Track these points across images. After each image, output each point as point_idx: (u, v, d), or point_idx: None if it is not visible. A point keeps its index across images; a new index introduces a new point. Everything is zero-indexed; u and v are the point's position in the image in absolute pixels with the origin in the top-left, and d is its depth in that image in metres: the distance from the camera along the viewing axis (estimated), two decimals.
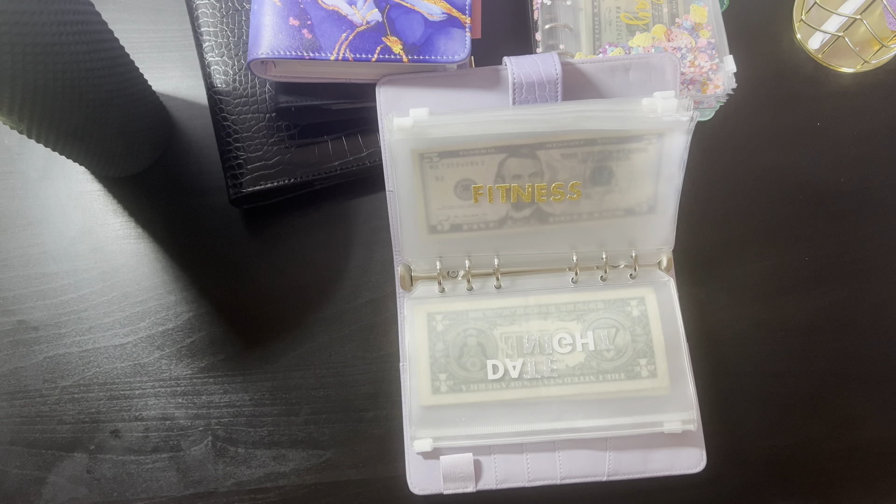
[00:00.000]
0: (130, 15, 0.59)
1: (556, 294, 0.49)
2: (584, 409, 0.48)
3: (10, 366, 0.53)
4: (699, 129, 0.58)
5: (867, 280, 0.57)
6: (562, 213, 0.49)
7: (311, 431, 0.52)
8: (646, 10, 0.55)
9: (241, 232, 0.56)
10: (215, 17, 0.54)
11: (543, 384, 0.48)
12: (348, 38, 0.48)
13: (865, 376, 0.55)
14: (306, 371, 0.53)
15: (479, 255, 0.50)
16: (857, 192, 0.58)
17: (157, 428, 0.52)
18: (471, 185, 0.48)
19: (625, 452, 0.49)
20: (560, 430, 0.48)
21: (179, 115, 0.58)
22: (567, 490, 0.49)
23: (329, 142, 0.54)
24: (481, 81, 0.49)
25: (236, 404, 0.53)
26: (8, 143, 0.57)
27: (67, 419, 0.52)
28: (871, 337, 0.55)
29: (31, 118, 0.43)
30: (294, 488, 0.51)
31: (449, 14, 0.49)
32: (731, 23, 0.56)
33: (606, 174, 0.48)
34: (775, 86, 0.60)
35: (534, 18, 0.55)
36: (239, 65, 0.53)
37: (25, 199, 0.56)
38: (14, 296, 0.54)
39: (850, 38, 0.59)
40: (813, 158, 0.59)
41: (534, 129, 0.46)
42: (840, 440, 0.53)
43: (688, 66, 0.53)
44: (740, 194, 0.58)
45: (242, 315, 0.54)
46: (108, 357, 0.53)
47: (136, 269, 0.55)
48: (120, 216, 0.56)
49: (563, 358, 0.48)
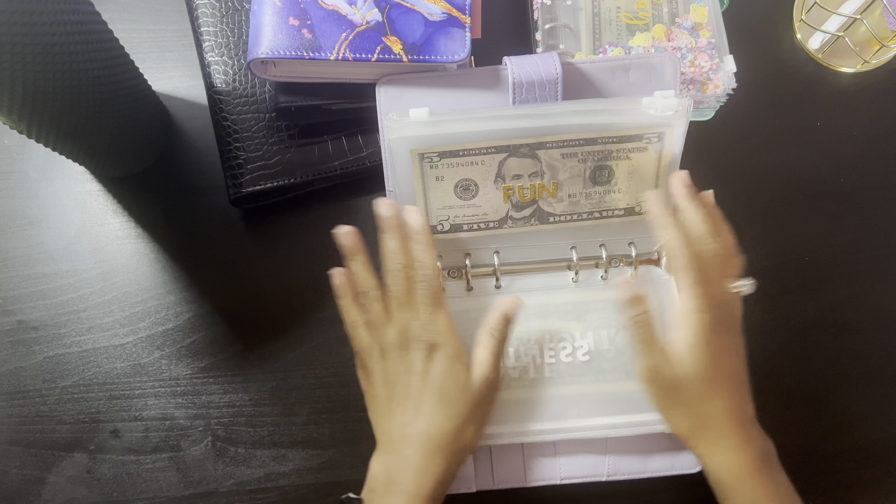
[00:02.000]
0: (130, 15, 0.59)
1: (556, 294, 0.49)
2: (583, 409, 0.48)
3: (10, 366, 0.53)
4: (699, 129, 0.58)
5: (867, 280, 0.57)
6: (562, 212, 0.49)
7: (311, 431, 0.52)
8: (646, 9, 0.55)
9: (241, 232, 0.56)
10: (215, 17, 0.54)
11: (543, 384, 0.48)
12: (348, 37, 0.48)
13: (865, 376, 0.55)
14: (306, 371, 0.53)
15: (479, 254, 0.50)
16: (857, 192, 0.58)
17: (156, 428, 0.52)
18: (471, 185, 0.48)
19: (624, 452, 0.49)
20: (560, 431, 0.48)
21: (179, 115, 0.58)
22: (567, 490, 0.49)
23: (329, 142, 0.54)
24: (481, 81, 0.49)
25: (236, 404, 0.53)
26: (8, 143, 0.57)
27: (67, 419, 0.52)
28: (871, 337, 0.55)
29: (31, 118, 0.43)
30: (294, 488, 0.51)
31: (449, 14, 0.49)
32: (731, 23, 0.56)
33: (606, 173, 0.48)
34: (775, 86, 0.60)
35: (534, 18, 0.55)
36: (239, 65, 0.53)
37: (25, 199, 0.56)
38: (14, 296, 0.54)
39: (850, 38, 0.59)
40: (813, 158, 0.59)
41: (534, 129, 0.46)
42: (840, 440, 0.53)
43: (688, 65, 0.53)
44: (740, 194, 0.58)
45: (242, 315, 0.54)
46: (107, 357, 0.53)
47: (136, 269, 0.55)
48: (120, 216, 0.56)
49: (563, 358, 0.48)
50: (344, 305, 0.46)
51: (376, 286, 0.45)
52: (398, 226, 0.45)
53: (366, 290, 0.45)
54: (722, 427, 0.42)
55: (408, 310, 0.44)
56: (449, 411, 0.42)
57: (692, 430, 0.43)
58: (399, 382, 0.43)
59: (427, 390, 0.43)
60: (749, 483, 0.41)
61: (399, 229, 0.45)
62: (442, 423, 0.42)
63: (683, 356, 0.42)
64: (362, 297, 0.45)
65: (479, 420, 0.44)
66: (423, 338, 0.43)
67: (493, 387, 0.44)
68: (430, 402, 0.42)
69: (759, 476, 0.41)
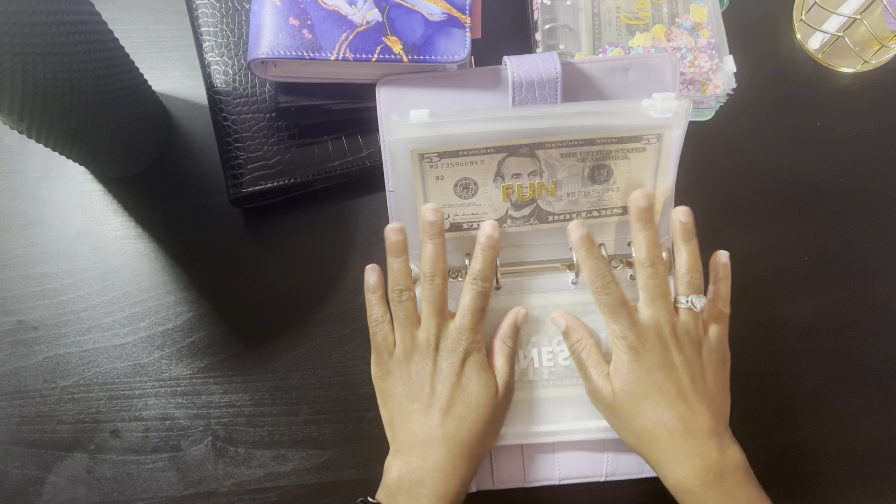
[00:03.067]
0: (130, 15, 0.59)
1: (556, 295, 0.49)
2: (581, 411, 0.48)
3: (10, 366, 0.53)
4: (699, 129, 0.58)
5: (867, 280, 0.57)
6: (561, 211, 0.49)
7: (311, 431, 0.52)
8: (646, 10, 0.55)
9: (241, 232, 0.56)
10: (215, 17, 0.54)
11: (542, 385, 0.48)
12: (348, 38, 0.48)
13: (865, 376, 0.55)
14: (306, 371, 0.53)
15: None
16: (857, 192, 0.58)
17: (157, 428, 0.52)
18: (470, 184, 0.48)
19: (623, 453, 0.49)
20: (558, 433, 0.48)
21: (179, 115, 0.58)
22: (566, 490, 0.49)
23: (329, 142, 0.54)
24: (481, 81, 0.49)
25: (236, 404, 0.53)
26: (8, 143, 0.57)
27: (67, 419, 0.52)
28: (871, 337, 0.55)
29: (31, 118, 0.43)
30: (294, 488, 0.51)
31: (449, 14, 0.49)
32: (731, 23, 0.56)
33: (605, 172, 0.48)
34: (775, 86, 0.60)
35: (534, 18, 0.55)
36: (239, 65, 0.53)
37: (25, 199, 0.56)
38: (14, 296, 0.54)
39: (850, 38, 0.59)
40: (813, 158, 0.59)
41: (533, 130, 0.46)
42: (840, 440, 0.53)
43: (688, 66, 0.53)
44: (740, 194, 0.58)
45: (242, 315, 0.54)
46: (108, 357, 0.53)
47: (136, 269, 0.55)
48: (120, 216, 0.56)
49: (561, 361, 0.49)
50: (372, 301, 0.47)
51: (411, 287, 0.45)
52: (442, 232, 0.45)
53: (401, 289, 0.45)
54: (661, 441, 0.42)
55: (441, 314, 0.45)
56: (478, 415, 0.43)
57: (636, 445, 0.44)
58: (425, 382, 0.44)
59: (459, 394, 0.43)
60: (697, 497, 0.41)
61: (443, 235, 0.45)
62: (470, 427, 0.43)
63: (613, 376, 0.44)
64: (396, 296, 0.45)
65: (498, 425, 0.46)
66: (461, 344, 0.44)
67: (511, 392, 0.47)
68: (461, 406, 0.43)
69: (707, 490, 0.41)
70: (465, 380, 0.44)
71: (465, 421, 0.43)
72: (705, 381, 0.44)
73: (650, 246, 0.45)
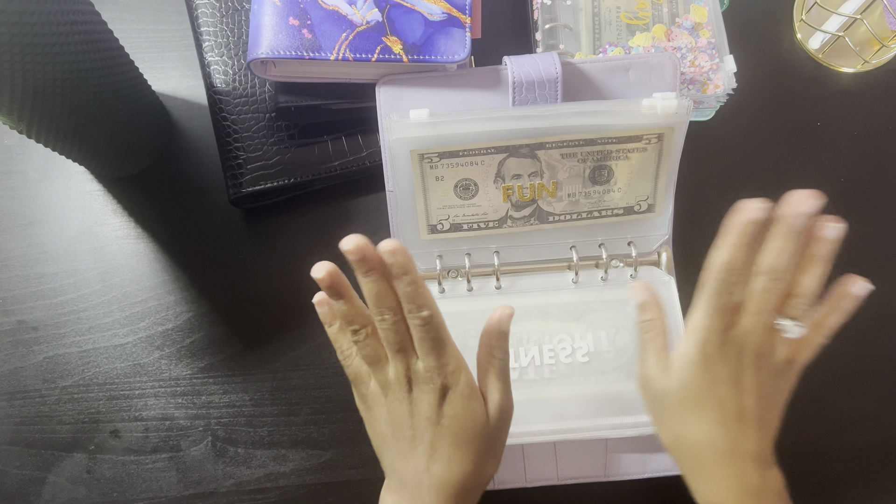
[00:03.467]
0: (130, 15, 0.59)
1: (557, 295, 0.49)
2: (583, 410, 0.48)
3: (9, 366, 0.53)
4: (699, 129, 0.58)
5: (867, 280, 0.56)
6: (561, 212, 0.49)
7: (311, 431, 0.52)
8: (646, 9, 0.55)
9: (241, 232, 0.56)
10: (215, 17, 0.54)
11: (543, 385, 0.48)
12: (348, 37, 0.48)
13: (865, 376, 0.55)
14: (306, 371, 0.53)
15: (479, 254, 0.50)
16: (857, 192, 0.58)
17: (156, 428, 0.52)
18: (471, 185, 0.48)
19: (624, 452, 0.49)
20: (559, 431, 0.48)
21: (179, 115, 0.58)
22: (566, 490, 0.49)
23: (329, 142, 0.54)
24: (481, 81, 0.49)
25: (236, 404, 0.53)
26: (8, 143, 0.57)
27: (67, 419, 0.52)
28: (871, 337, 0.55)
29: (31, 118, 0.43)
30: (294, 488, 0.51)
31: (449, 14, 0.49)
32: (731, 23, 0.56)
33: (606, 173, 0.48)
34: (775, 86, 0.60)
35: (534, 18, 0.55)
36: (239, 65, 0.53)
37: (25, 199, 0.56)
38: (14, 296, 0.54)
39: (851, 37, 0.59)
40: (813, 158, 0.59)
41: (533, 130, 0.46)
42: (840, 440, 0.53)
43: (688, 65, 0.53)
44: (740, 194, 0.58)
45: (242, 315, 0.54)
46: (107, 357, 0.53)
47: (136, 269, 0.55)
48: (120, 216, 0.56)
49: (562, 359, 0.48)
50: (332, 334, 0.41)
51: (369, 322, 0.38)
52: (377, 266, 0.36)
53: (356, 328, 0.38)
54: (703, 456, 0.39)
55: (405, 354, 0.38)
56: (467, 453, 0.38)
57: (672, 448, 0.41)
58: (405, 425, 0.39)
59: (441, 434, 0.38)
60: None
61: (379, 270, 0.36)
62: (460, 467, 0.38)
63: (674, 372, 0.40)
64: (353, 336, 0.39)
65: (499, 448, 0.41)
66: (433, 383, 0.38)
67: (509, 413, 0.41)
68: (446, 447, 0.38)
69: None
70: (447, 420, 0.38)
71: (453, 462, 0.38)
72: (767, 406, 0.40)
73: (780, 256, 0.39)
